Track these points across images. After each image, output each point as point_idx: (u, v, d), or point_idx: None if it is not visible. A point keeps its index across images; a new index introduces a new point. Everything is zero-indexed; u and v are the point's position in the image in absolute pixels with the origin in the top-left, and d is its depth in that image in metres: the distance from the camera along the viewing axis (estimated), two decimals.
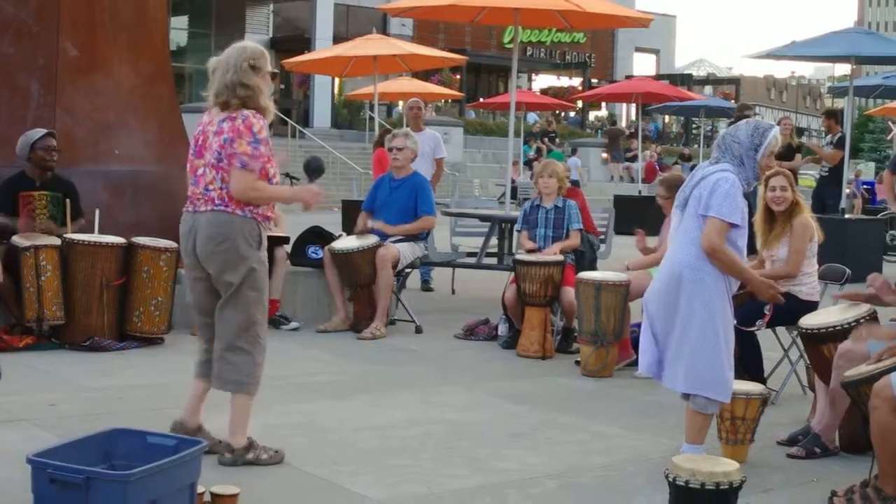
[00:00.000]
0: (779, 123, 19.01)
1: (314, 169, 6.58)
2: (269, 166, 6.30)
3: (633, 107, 39.72)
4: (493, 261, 13.56)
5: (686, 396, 6.25)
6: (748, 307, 7.96)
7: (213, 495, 5.32)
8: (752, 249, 7.98)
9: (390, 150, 11.49)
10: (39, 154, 9.77)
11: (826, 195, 18.01)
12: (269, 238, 10.64)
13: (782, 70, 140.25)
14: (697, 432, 6.22)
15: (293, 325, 10.79)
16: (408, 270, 11.69)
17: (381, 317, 10.71)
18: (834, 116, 19.13)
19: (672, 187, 9.69)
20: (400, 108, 38.59)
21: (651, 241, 10.12)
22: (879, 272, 7.77)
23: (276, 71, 6.52)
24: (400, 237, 11.09)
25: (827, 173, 18.32)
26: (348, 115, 44.50)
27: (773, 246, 8.30)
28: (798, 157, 17.94)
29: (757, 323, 8.03)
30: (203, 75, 44.23)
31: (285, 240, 11.05)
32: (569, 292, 9.99)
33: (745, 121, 6.52)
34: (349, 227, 11.96)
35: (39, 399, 7.58)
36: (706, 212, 6.07)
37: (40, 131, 9.86)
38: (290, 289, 11.04)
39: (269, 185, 6.34)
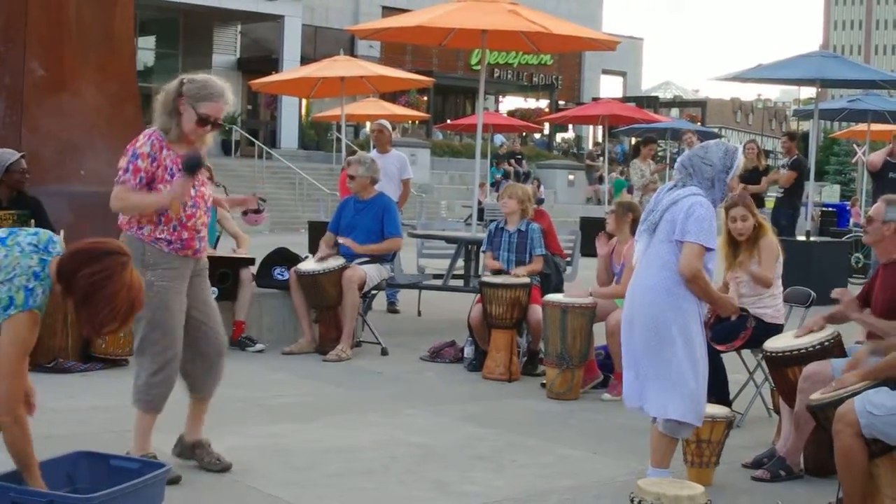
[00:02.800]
0: (745, 147, 19.19)
1: (190, 165, 6.41)
2: (160, 184, 6.30)
3: (600, 129, 39.86)
4: (460, 283, 13.56)
5: (654, 420, 6.23)
6: (727, 326, 7.96)
7: None
8: None
9: (349, 175, 11.49)
10: (15, 177, 9.70)
11: (780, 216, 18.07)
12: (234, 260, 10.73)
13: (748, 93, 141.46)
14: (664, 456, 6.18)
15: (258, 346, 10.76)
16: (374, 292, 11.67)
17: (347, 339, 10.69)
18: (793, 138, 19.22)
19: (624, 207, 9.81)
20: (367, 129, 38.61)
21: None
22: None
23: (202, 115, 6.35)
24: (366, 259, 11.08)
25: (782, 194, 18.42)
26: (316, 136, 44.44)
27: (738, 269, 8.31)
28: (765, 180, 18.03)
29: (727, 344, 8.02)
30: None
31: (250, 261, 11.03)
32: (536, 311, 9.98)
33: (712, 142, 6.45)
34: (316, 249, 11.93)
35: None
36: (683, 237, 6.00)
37: (13, 153, 9.76)
38: (255, 311, 11.02)
39: (134, 194, 6.30)
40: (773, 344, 7.30)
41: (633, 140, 50.11)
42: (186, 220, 6.40)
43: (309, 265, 11.02)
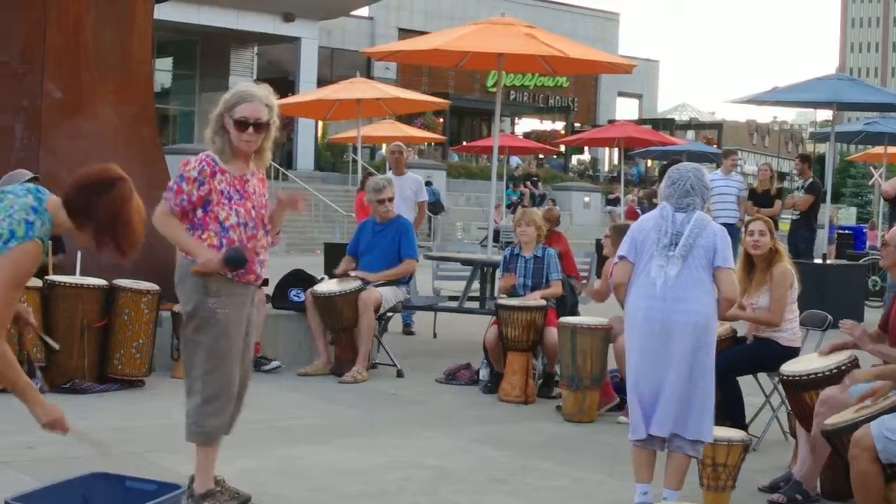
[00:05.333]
0: (759, 169, 19.30)
1: (232, 260, 6.15)
2: (215, 207, 6.12)
3: (616, 151, 39.86)
4: (475, 305, 13.55)
5: (667, 443, 6.24)
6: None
7: None
8: None
9: (381, 202, 11.38)
10: None
11: (798, 239, 18.05)
12: None
13: (764, 115, 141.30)
14: (681, 478, 6.23)
15: (274, 364, 10.71)
16: (390, 314, 11.67)
17: (363, 360, 10.68)
18: (807, 160, 19.25)
19: (619, 231, 9.80)
20: (383, 151, 38.66)
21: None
22: (861, 318, 7.78)
23: (238, 119, 6.19)
24: (382, 281, 11.08)
25: (798, 217, 18.39)
26: (332, 157, 44.54)
27: (753, 295, 8.30)
28: (778, 203, 18.03)
29: None
30: (187, 117, 44.34)
31: (264, 282, 11.02)
32: (552, 333, 9.96)
33: (695, 165, 6.58)
34: (332, 271, 11.94)
35: (18, 441, 7.53)
36: (724, 263, 6.18)
37: (26, 174, 9.78)
38: (271, 332, 11.00)
39: (176, 223, 6.11)
40: (790, 367, 7.29)
41: (650, 161, 50.18)
42: (247, 243, 6.21)
43: (325, 287, 11.02)
